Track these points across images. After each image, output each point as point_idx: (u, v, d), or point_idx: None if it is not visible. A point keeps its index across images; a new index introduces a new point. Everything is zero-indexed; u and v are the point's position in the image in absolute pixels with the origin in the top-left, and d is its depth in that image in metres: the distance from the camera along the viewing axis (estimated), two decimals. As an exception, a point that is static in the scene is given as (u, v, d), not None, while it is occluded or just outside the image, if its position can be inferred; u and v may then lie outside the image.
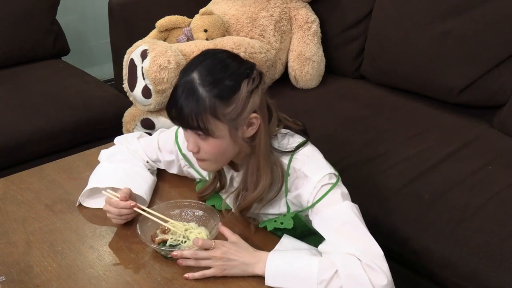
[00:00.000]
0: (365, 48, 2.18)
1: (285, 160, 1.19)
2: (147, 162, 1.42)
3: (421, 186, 1.55)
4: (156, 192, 1.40)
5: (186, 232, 1.20)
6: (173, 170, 1.43)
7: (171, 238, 1.19)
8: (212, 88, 1.08)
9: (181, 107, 1.08)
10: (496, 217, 1.42)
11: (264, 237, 1.25)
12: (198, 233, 1.20)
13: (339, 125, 1.87)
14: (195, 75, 1.09)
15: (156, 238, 1.19)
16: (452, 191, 1.52)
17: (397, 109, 1.97)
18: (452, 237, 1.40)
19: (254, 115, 1.12)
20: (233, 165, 1.26)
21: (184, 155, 1.36)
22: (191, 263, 1.13)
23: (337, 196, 1.15)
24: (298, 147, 1.20)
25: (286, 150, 1.19)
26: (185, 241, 1.19)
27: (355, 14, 2.20)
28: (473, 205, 1.46)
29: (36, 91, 2.16)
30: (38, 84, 2.22)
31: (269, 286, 1.11)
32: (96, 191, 1.33)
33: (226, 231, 1.18)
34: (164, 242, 1.18)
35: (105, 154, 1.42)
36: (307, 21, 2.17)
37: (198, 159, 1.18)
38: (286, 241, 1.20)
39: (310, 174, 1.16)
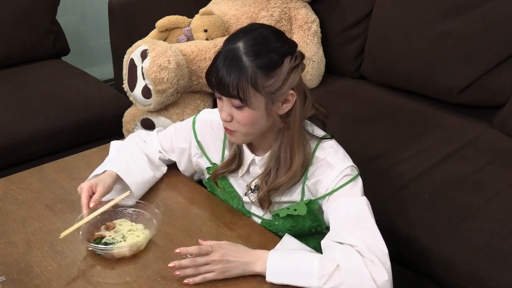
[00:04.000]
0: (365, 48, 2.18)
1: (312, 144, 1.21)
2: (160, 152, 1.43)
3: (421, 186, 1.55)
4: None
5: (128, 233, 1.21)
6: (183, 162, 1.42)
7: (109, 236, 1.19)
8: (256, 58, 1.09)
9: (222, 74, 1.09)
10: (496, 217, 1.42)
11: (264, 237, 1.25)
12: (137, 236, 1.20)
13: (339, 125, 1.87)
14: (240, 44, 1.11)
15: (96, 233, 1.20)
16: (452, 191, 1.52)
17: (397, 109, 1.97)
18: (452, 237, 1.40)
19: (291, 92, 1.14)
20: (254, 148, 1.27)
21: (198, 142, 1.36)
22: (190, 272, 1.11)
23: (357, 189, 1.18)
24: (325, 137, 1.22)
25: (315, 135, 1.22)
26: (120, 241, 1.19)
27: (355, 14, 2.20)
28: (473, 205, 1.46)
29: (36, 91, 2.16)
30: (38, 84, 2.22)
31: (269, 284, 1.10)
32: None
33: (210, 243, 1.13)
34: (101, 238, 1.19)
35: (116, 145, 1.45)
36: (307, 21, 2.17)
37: (229, 130, 1.18)
38: (288, 240, 1.20)
39: (334, 163, 1.18)
